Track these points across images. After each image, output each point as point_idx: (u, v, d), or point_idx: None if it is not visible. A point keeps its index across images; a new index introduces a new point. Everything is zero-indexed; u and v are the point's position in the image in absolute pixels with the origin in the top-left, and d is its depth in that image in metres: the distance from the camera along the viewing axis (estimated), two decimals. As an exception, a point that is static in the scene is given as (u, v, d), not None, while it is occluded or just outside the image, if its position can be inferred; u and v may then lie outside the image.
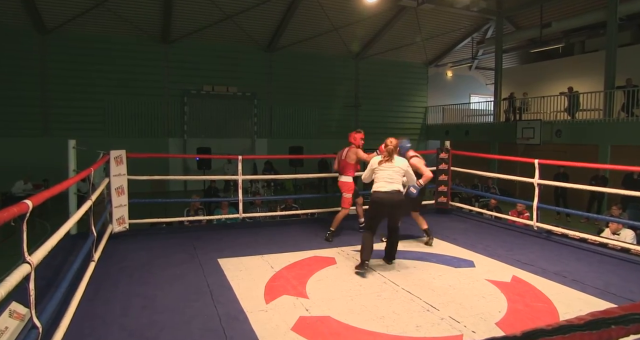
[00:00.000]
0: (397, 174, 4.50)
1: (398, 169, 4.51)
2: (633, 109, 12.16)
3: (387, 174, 4.46)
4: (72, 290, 3.27)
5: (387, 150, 4.57)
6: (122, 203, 5.56)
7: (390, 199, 4.43)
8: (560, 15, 15.27)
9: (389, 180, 4.45)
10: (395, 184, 4.46)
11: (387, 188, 4.43)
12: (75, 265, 3.20)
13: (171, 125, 15.72)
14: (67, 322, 2.83)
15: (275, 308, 3.45)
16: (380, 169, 4.53)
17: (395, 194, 4.45)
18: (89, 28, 14.14)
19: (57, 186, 2.74)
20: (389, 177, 4.45)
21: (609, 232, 6.24)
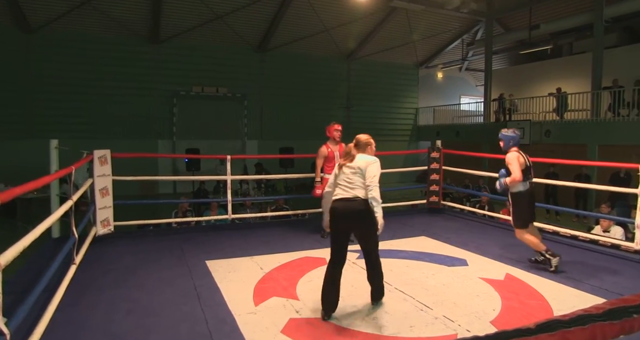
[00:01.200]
0: (357, 177, 3.39)
1: (357, 170, 3.40)
2: (619, 109, 12.27)
3: (345, 178, 3.43)
4: (51, 295, 3.15)
5: (346, 149, 3.61)
6: (107, 204, 5.43)
7: (348, 209, 3.31)
8: (548, 18, 15.39)
9: (347, 185, 3.39)
10: (356, 189, 3.35)
11: (343, 195, 3.38)
12: (52, 268, 3.08)
13: (160, 127, 15.52)
14: (43, 328, 2.70)
15: (264, 310, 3.35)
16: (339, 172, 3.51)
17: (355, 203, 3.31)
18: (75, 27, 13.91)
19: (29, 183, 2.60)
20: (347, 182, 3.40)
21: (600, 229, 6.23)
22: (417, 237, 5.74)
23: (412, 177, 16.15)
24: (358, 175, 3.38)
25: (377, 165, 3.42)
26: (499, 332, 0.82)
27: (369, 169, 3.38)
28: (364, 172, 3.37)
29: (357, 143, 3.56)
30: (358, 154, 3.49)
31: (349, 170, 3.43)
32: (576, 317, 0.83)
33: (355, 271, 4.32)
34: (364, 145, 3.55)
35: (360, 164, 3.40)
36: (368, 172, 3.37)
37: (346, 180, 3.41)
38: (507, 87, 17.51)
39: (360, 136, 3.58)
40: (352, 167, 3.42)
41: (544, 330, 0.79)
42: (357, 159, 3.45)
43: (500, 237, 5.77)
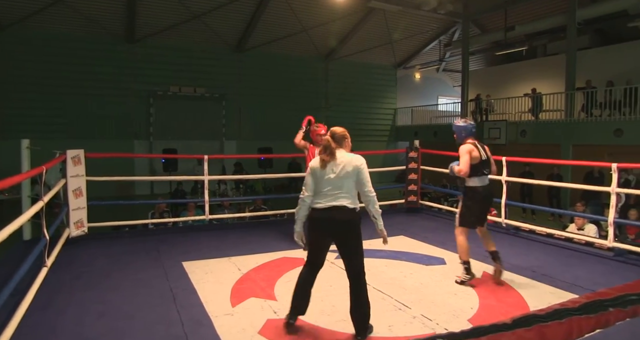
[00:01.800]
0: (345, 182, 2.95)
1: (345, 173, 2.94)
2: (592, 110, 12.58)
3: (330, 182, 2.95)
4: (20, 298, 3.04)
5: (323, 142, 3.08)
6: (81, 205, 5.29)
7: (335, 220, 2.92)
8: (523, 19, 15.68)
9: (333, 192, 2.93)
10: (343, 196, 2.92)
11: (328, 203, 2.93)
12: (22, 271, 2.97)
13: (137, 127, 15.22)
14: (11, 332, 2.60)
15: (241, 311, 3.31)
16: (322, 173, 2.99)
17: (341, 213, 2.91)
18: (49, 25, 13.53)
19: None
20: (334, 187, 2.94)
21: (574, 227, 6.36)
22: (396, 236, 5.75)
23: (391, 177, 16.23)
24: (347, 180, 2.94)
25: (366, 166, 3.02)
26: (475, 328, 0.80)
27: (362, 171, 2.96)
28: (355, 176, 2.95)
29: (333, 136, 3.10)
30: (337, 150, 3.04)
31: (332, 172, 2.95)
32: (553, 311, 0.82)
33: (334, 270, 4.30)
34: (340, 138, 3.09)
35: (347, 166, 2.95)
36: (363, 177, 2.97)
37: (332, 186, 2.94)
38: (484, 87, 17.78)
39: (335, 129, 3.15)
40: (336, 169, 2.95)
41: (520, 325, 0.78)
42: (339, 157, 2.99)
43: (477, 236, 5.79)
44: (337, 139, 3.07)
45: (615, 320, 0.84)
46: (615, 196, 4.73)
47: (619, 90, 11.89)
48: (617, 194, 4.78)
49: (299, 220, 3.09)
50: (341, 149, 3.06)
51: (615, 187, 4.71)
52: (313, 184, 3.01)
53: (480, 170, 3.99)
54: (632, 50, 13.75)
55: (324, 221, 2.96)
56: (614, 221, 4.75)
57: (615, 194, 4.73)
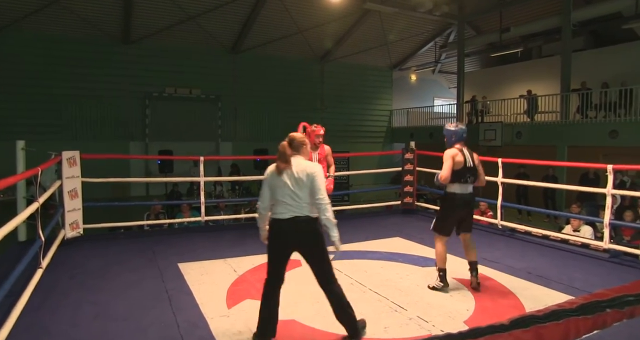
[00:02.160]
0: (303, 191, 2.83)
1: (302, 182, 2.83)
2: (587, 111, 12.63)
3: (288, 192, 2.83)
4: (15, 299, 3.02)
5: (280, 148, 2.93)
6: (76, 207, 5.26)
7: (298, 231, 2.84)
8: (518, 21, 15.74)
9: (292, 202, 2.83)
10: (303, 206, 2.83)
11: (289, 214, 2.82)
12: (16, 272, 2.95)
13: (132, 129, 15.15)
14: (6, 333, 2.58)
15: (237, 313, 3.30)
16: (277, 182, 2.88)
17: (302, 224, 2.83)
18: (45, 27, 13.46)
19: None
20: (292, 197, 2.83)
21: (570, 229, 6.39)
22: (391, 238, 5.76)
23: (387, 178, 16.26)
24: (304, 189, 2.83)
25: (322, 174, 2.93)
26: (473, 329, 0.80)
27: (316, 179, 2.83)
28: (309, 183, 2.83)
29: (290, 142, 2.98)
30: (294, 157, 2.91)
31: (289, 180, 2.84)
32: (550, 312, 0.82)
33: (331, 272, 4.29)
34: (298, 145, 2.97)
35: (302, 173, 2.84)
36: (316, 184, 2.82)
37: (290, 195, 2.83)
38: (480, 89, 17.83)
39: (295, 134, 3.05)
40: (293, 176, 2.84)
41: (517, 326, 0.77)
42: (295, 164, 2.87)
43: (473, 238, 5.83)
44: (295, 146, 2.96)
45: (613, 321, 0.84)
46: (610, 197, 4.75)
47: (614, 92, 11.95)
48: (613, 195, 4.80)
49: (261, 229, 3.04)
50: (298, 155, 2.93)
51: (610, 189, 4.73)
52: (269, 193, 2.92)
53: (462, 177, 3.82)
54: (627, 51, 13.83)
55: (287, 233, 2.86)
56: (610, 222, 4.77)
57: (610, 195, 4.74)
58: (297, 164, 2.87)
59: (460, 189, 3.87)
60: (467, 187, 3.90)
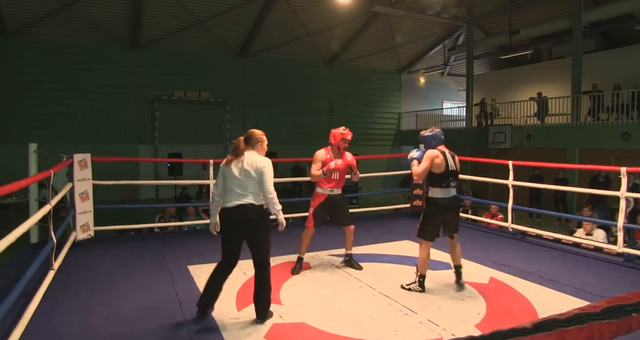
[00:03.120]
0: (249, 182, 3.13)
1: (248, 173, 3.12)
2: (599, 113, 12.50)
3: (236, 182, 3.13)
4: (27, 301, 3.04)
5: (235, 142, 3.26)
6: (87, 209, 5.30)
7: (241, 217, 3.10)
8: (528, 23, 15.65)
9: (239, 191, 3.11)
10: (249, 195, 3.11)
11: (235, 202, 3.10)
12: (28, 274, 2.97)
13: (142, 132, 15.29)
14: (18, 335, 2.60)
15: (247, 315, 3.29)
16: (228, 172, 3.18)
17: (247, 210, 3.10)
18: (55, 31, 13.65)
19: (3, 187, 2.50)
20: (239, 186, 3.12)
21: (582, 232, 6.31)
22: (401, 241, 5.73)
23: (396, 181, 16.22)
24: (251, 180, 3.11)
25: (271, 168, 3.18)
26: (495, 332, 0.78)
27: (265, 173, 3.11)
28: (258, 177, 3.12)
29: (248, 137, 3.24)
30: (247, 151, 3.19)
31: (238, 171, 3.12)
32: (573, 316, 0.80)
33: (340, 275, 4.28)
34: (255, 141, 3.24)
35: (251, 167, 3.11)
36: (263, 177, 3.12)
37: (238, 185, 3.11)
38: (489, 91, 17.72)
39: (254, 130, 3.30)
40: (242, 168, 3.12)
41: (541, 329, 0.76)
42: (247, 157, 3.15)
43: (483, 241, 5.80)
44: (252, 141, 3.25)
45: (638, 326, 0.82)
46: (624, 201, 4.68)
47: (627, 94, 11.82)
48: (627, 198, 4.73)
49: (212, 215, 3.34)
50: (252, 151, 3.22)
51: (625, 191, 4.66)
52: (222, 182, 3.21)
53: (443, 181, 3.74)
54: (638, 53, 13.67)
55: (232, 219, 3.14)
56: (624, 226, 4.70)
57: (624, 198, 4.68)
58: (249, 157, 3.16)
59: (442, 194, 3.79)
60: (450, 191, 3.82)
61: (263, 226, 3.17)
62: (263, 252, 3.20)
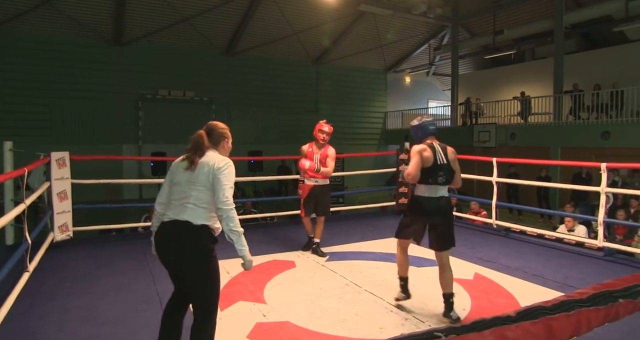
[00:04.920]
0: (196, 190, 2.27)
1: (198, 178, 2.29)
2: (580, 113, 12.70)
3: (177, 189, 2.32)
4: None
5: (194, 136, 2.41)
6: (65, 209, 5.16)
7: (172, 238, 2.26)
8: (511, 23, 15.82)
9: (180, 201, 2.28)
10: (190, 209, 2.25)
11: (171, 216, 2.27)
12: (1, 276, 2.86)
13: (125, 131, 15.02)
14: (-11, 339, 2.50)
15: (230, 315, 3.23)
16: (176, 175, 2.38)
17: (184, 230, 2.24)
18: (35, 28, 13.33)
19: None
20: (177, 196, 2.30)
21: (565, 228, 6.38)
22: (386, 238, 5.70)
23: (382, 180, 16.23)
24: (198, 188, 2.26)
25: (231, 171, 2.32)
26: (477, 321, 0.75)
27: (221, 179, 2.24)
28: (211, 183, 2.25)
29: (209, 131, 2.47)
30: (208, 152, 2.39)
31: (190, 176, 2.29)
32: (560, 303, 0.77)
33: (325, 273, 4.25)
34: (218, 136, 2.47)
35: (206, 168, 2.28)
36: (218, 182, 2.24)
37: (180, 192, 2.29)
38: (473, 91, 17.88)
39: (216, 123, 2.54)
40: (195, 171, 2.29)
41: (525, 317, 0.72)
42: (204, 158, 2.34)
43: (468, 238, 5.81)
44: (214, 137, 2.46)
45: (625, 312, 0.79)
46: (604, 196, 4.74)
47: (606, 94, 12.03)
48: (606, 194, 4.79)
49: (153, 232, 2.42)
50: (214, 150, 2.43)
51: (605, 187, 4.72)
52: (168, 188, 2.39)
53: (431, 176, 3.20)
54: (618, 54, 13.93)
55: (162, 239, 2.30)
56: (604, 221, 4.75)
57: (604, 193, 4.73)
58: (207, 157, 2.35)
59: (428, 192, 3.25)
60: (438, 189, 3.25)
61: (206, 258, 2.22)
62: (209, 296, 2.25)
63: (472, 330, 0.73)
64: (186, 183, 2.29)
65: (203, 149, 2.36)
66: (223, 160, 2.33)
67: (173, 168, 2.43)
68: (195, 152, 2.33)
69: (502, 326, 0.71)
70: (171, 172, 2.42)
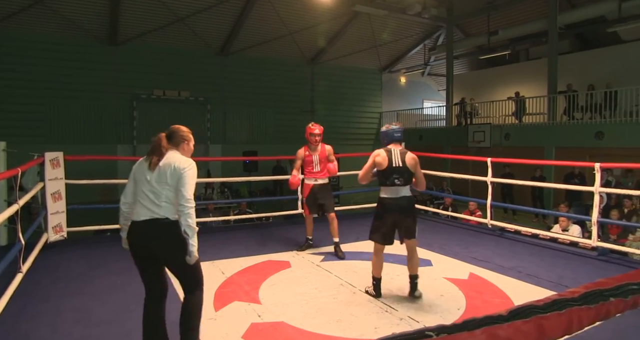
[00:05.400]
0: (165, 189, 2.47)
1: (165, 178, 2.47)
2: (574, 113, 12.76)
3: (149, 188, 2.48)
4: (-8, 304, 2.91)
5: (155, 141, 2.59)
6: (59, 209, 5.13)
7: (152, 235, 2.46)
8: (506, 24, 15.87)
9: (152, 199, 2.46)
10: (164, 206, 2.46)
11: (145, 215, 2.45)
12: (-7, 276, 2.84)
13: (120, 131, 14.96)
14: (-19, 340, 2.48)
15: (225, 315, 3.22)
16: (140, 176, 2.56)
17: (159, 227, 2.45)
18: (29, 27, 13.25)
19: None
20: (152, 194, 2.47)
21: (559, 228, 6.40)
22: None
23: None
24: (166, 187, 2.45)
25: (193, 173, 2.49)
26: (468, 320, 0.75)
27: (184, 176, 2.44)
28: (175, 182, 2.44)
29: (171, 134, 2.63)
30: (170, 152, 2.56)
31: (152, 175, 2.47)
32: (551, 302, 0.77)
33: (320, 273, 4.25)
34: (179, 139, 2.63)
35: (169, 169, 2.45)
36: (182, 182, 2.43)
37: (151, 192, 2.46)
38: (468, 91, 17.93)
39: (179, 126, 2.70)
40: (158, 171, 2.47)
41: (517, 316, 0.73)
42: (166, 158, 2.51)
43: (463, 237, 5.83)
44: (175, 139, 2.62)
45: (616, 311, 0.80)
46: (598, 196, 4.76)
47: (599, 94, 12.10)
48: (600, 194, 4.81)
49: (122, 230, 2.67)
50: (175, 151, 2.58)
51: (598, 187, 4.74)
52: (132, 188, 2.57)
53: (388, 178, 3.52)
54: (611, 54, 14.01)
55: (141, 238, 2.47)
56: (598, 221, 4.78)
57: (598, 193, 4.75)
58: (168, 157, 2.51)
59: (389, 193, 3.55)
60: (399, 190, 3.53)
61: (182, 245, 2.43)
62: (189, 275, 2.54)
63: (463, 329, 0.73)
64: (156, 183, 2.47)
65: (161, 150, 2.54)
66: (186, 161, 2.52)
67: (135, 168, 2.60)
68: (154, 153, 2.53)
69: (493, 325, 0.71)
70: (134, 172, 2.59)
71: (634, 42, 13.68)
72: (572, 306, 0.76)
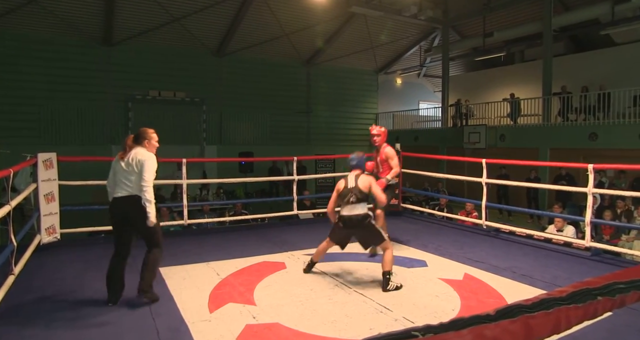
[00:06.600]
0: (133, 176, 3.40)
1: (132, 168, 3.40)
2: (568, 114, 12.83)
3: (123, 176, 3.43)
4: (-16, 306, 2.89)
5: (126, 140, 3.56)
6: (53, 211, 5.11)
7: (125, 207, 3.40)
8: (501, 26, 15.94)
9: (125, 183, 3.41)
10: (133, 188, 3.39)
11: (121, 193, 3.41)
12: (-15, 277, 2.82)
13: (114, 132, 14.88)
14: (-27, 342, 2.46)
15: (220, 317, 3.21)
16: (117, 166, 3.51)
17: (127, 200, 3.38)
18: (22, 27, 13.18)
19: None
20: (125, 180, 3.41)
21: (554, 229, 6.43)
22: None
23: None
24: (134, 175, 3.38)
25: (152, 162, 3.42)
26: (455, 320, 0.75)
27: (144, 165, 3.37)
28: (139, 170, 3.37)
29: (137, 136, 3.54)
30: (135, 149, 3.46)
31: (124, 165, 3.41)
32: (539, 301, 0.77)
33: (316, 275, 4.24)
34: (142, 138, 3.52)
35: (134, 160, 3.38)
36: (142, 170, 3.36)
37: (125, 177, 3.41)
38: (464, 92, 17.98)
39: (145, 128, 3.60)
40: (127, 162, 3.41)
41: (504, 316, 0.73)
42: (133, 153, 3.43)
43: (458, 238, 5.84)
44: (137, 138, 3.52)
45: (604, 310, 0.80)
46: (591, 197, 4.78)
47: (593, 96, 12.17)
48: (593, 195, 4.83)
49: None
50: (140, 147, 3.48)
51: (592, 188, 4.76)
52: (112, 176, 3.53)
53: (344, 197, 4.08)
54: (604, 56, 14.11)
55: (115, 209, 3.45)
56: (591, 221, 4.80)
57: (591, 194, 4.78)
58: (134, 153, 3.43)
59: (346, 210, 4.04)
60: (354, 207, 4.01)
61: (142, 219, 3.35)
62: (149, 235, 3.45)
63: (450, 329, 0.73)
64: (126, 171, 3.41)
65: (127, 147, 3.48)
66: (146, 155, 3.44)
67: (113, 163, 3.56)
68: (123, 149, 3.50)
69: (480, 325, 0.71)
70: (113, 166, 3.55)
71: (627, 44, 13.79)
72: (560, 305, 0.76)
